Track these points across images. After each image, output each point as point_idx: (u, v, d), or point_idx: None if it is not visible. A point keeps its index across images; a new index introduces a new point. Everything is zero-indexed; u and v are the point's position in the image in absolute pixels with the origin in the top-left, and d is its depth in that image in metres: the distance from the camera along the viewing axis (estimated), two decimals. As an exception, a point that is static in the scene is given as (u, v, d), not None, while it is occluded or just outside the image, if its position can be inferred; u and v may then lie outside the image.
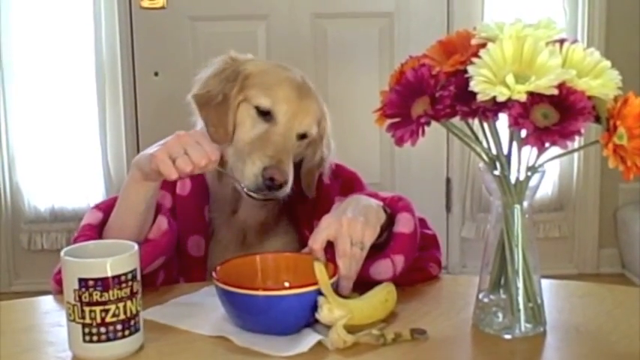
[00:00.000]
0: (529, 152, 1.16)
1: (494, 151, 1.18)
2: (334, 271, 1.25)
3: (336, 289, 1.24)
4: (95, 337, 1.13)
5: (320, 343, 1.18)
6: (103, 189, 3.41)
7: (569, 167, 3.57)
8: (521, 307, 1.21)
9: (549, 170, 1.33)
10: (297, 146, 1.50)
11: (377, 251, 1.33)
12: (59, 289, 1.25)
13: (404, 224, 1.37)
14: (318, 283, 1.21)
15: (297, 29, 3.46)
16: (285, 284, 1.29)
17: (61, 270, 1.17)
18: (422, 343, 1.20)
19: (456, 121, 1.15)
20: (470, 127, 1.19)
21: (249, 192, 1.44)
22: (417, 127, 1.13)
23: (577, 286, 1.50)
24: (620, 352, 1.19)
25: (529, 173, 1.18)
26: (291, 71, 1.55)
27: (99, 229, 1.43)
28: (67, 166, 3.44)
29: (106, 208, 1.45)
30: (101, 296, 1.12)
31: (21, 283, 3.50)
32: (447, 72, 1.15)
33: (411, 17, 3.47)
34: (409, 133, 1.13)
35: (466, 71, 1.11)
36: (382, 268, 1.33)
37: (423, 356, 1.18)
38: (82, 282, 1.12)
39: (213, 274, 1.25)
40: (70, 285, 1.13)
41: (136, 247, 1.17)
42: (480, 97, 1.09)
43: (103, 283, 1.12)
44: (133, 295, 1.15)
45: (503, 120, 1.11)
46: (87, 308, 1.12)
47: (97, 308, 1.12)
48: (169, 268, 1.47)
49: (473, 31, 1.17)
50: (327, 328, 1.19)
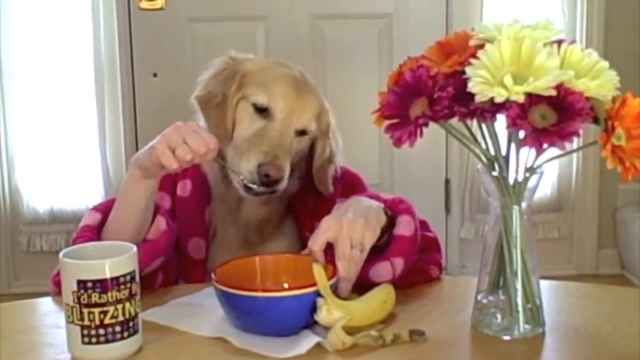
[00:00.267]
0: (527, 153, 1.16)
1: (492, 152, 1.18)
2: (333, 273, 1.25)
3: (335, 290, 1.24)
4: (94, 339, 1.13)
5: (319, 345, 1.18)
6: (102, 190, 3.41)
7: (568, 168, 3.57)
8: (520, 308, 1.21)
9: (548, 171, 1.33)
10: (297, 142, 1.50)
11: (377, 253, 1.33)
12: (58, 291, 1.25)
13: (404, 227, 1.37)
14: (317, 285, 1.21)
15: (296, 30, 3.46)
16: (284, 286, 1.29)
17: (59, 272, 1.17)
18: (421, 345, 1.20)
19: (454, 122, 1.15)
20: (468, 128, 1.18)
21: (248, 184, 1.44)
22: (415, 128, 1.13)
23: (576, 287, 1.50)
24: (619, 352, 1.19)
25: (527, 174, 1.18)
26: (289, 68, 1.55)
27: (98, 230, 1.43)
28: (66, 168, 3.44)
29: (105, 210, 1.45)
30: (100, 298, 1.12)
31: (20, 285, 3.49)
32: (445, 73, 1.15)
33: (409, 18, 3.47)
34: (407, 134, 1.13)
35: (464, 72, 1.11)
36: (381, 271, 1.33)
37: (421, 357, 1.18)
38: (81, 284, 1.12)
39: (213, 275, 1.25)
40: (68, 287, 1.13)
41: (134, 248, 1.17)
42: (478, 98, 1.09)
43: (102, 285, 1.12)
44: (131, 296, 1.15)
45: (501, 121, 1.12)
46: (86, 310, 1.12)
47: (96, 310, 1.12)
48: (168, 269, 1.47)
49: (471, 32, 1.17)
50: (325, 329, 1.19)
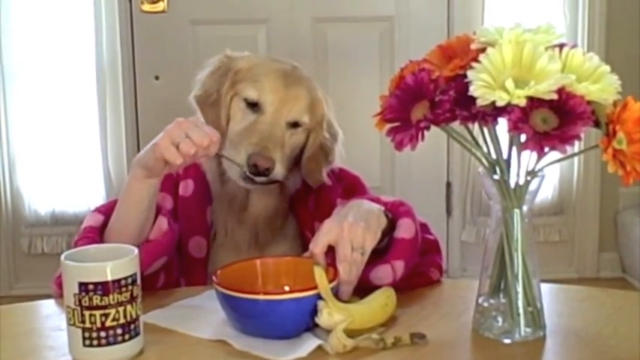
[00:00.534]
0: (528, 157, 1.16)
1: (493, 156, 1.18)
2: (334, 276, 1.25)
3: (336, 293, 1.24)
4: (95, 342, 1.13)
5: (320, 348, 1.18)
6: (104, 193, 3.41)
7: (570, 171, 3.57)
8: (520, 311, 1.21)
9: (549, 174, 1.33)
10: (290, 135, 1.52)
11: (377, 256, 1.33)
12: (60, 293, 1.25)
13: (405, 230, 1.37)
14: (318, 288, 1.21)
15: (298, 33, 3.46)
16: (286, 288, 1.29)
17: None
18: (421, 348, 1.20)
19: (455, 125, 1.15)
20: (470, 131, 1.19)
21: (240, 179, 1.46)
22: (417, 131, 1.13)
23: (576, 291, 1.50)
24: (619, 356, 1.19)
25: (528, 178, 1.18)
26: (281, 63, 1.57)
27: (100, 231, 1.43)
28: (68, 170, 3.44)
29: (107, 211, 1.46)
30: (101, 300, 1.12)
31: (21, 287, 3.50)
32: (447, 77, 1.15)
33: (411, 21, 3.47)
34: (409, 138, 1.13)
35: (466, 76, 1.11)
36: (382, 274, 1.33)
37: (422, 360, 1.18)
38: (82, 286, 1.12)
39: (214, 277, 1.25)
40: (70, 289, 1.13)
41: (136, 251, 1.18)
42: (480, 102, 1.09)
43: (103, 288, 1.12)
44: (133, 299, 1.15)
45: (502, 124, 1.12)
46: (87, 312, 1.12)
47: (97, 312, 1.12)
48: (170, 269, 1.47)
49: (472, 35, 1.17)
50: (327, 332, 1.19)
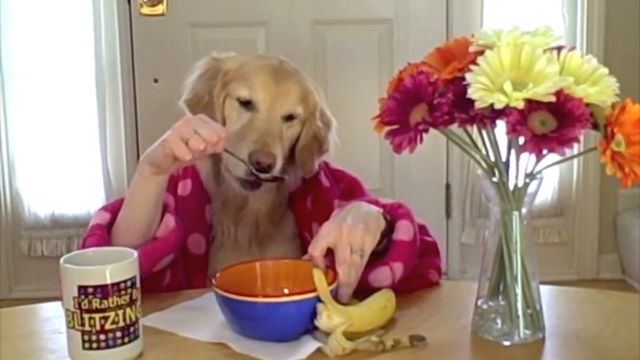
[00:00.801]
0: (527, 159, 1.16)
1: (492, 158, 1.18)
2: (334, 278, 1.25)
3: (335, 296, 1.24)
4: (95, 345, 1.13)
5: (319, 350, 1.18)
6: (104, 195, 3.40)
7: (569, 173, 3.57)
8: (520, 313, 1.21)
9: (549, 176, 1.33)
10: (286, 128, 1.53)
11: (376, 258, 1.33)
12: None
13: (403, 232, 1.37)
14: (318, 290, 1.21)
15: (297, 36, 3.46)
16: (285, 291, 1.29)
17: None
18: (421, 350, 1.20)
19: (454, 127, 1.15)
20: (468, 134, 1.19)
21: (247, 173, 1.46)
22: (415, 134, 1.13)
23: (576, 292, 1.50)
24: (619, 357, 1.19)
25: (527, 180, 1.18)
26: (268, 59, 1.60)
27: (108, 229, 1.44)
28: (67, 173, 3.43)
29: (113, 209, 1.47)
30: (100, 303, 1.12)
31: (21, 290, 3.49)
32: (445, 79, 1.15)
33: (410, 24, 3.47)
34: (407, 140, 1.13)
35: (464, 78, 1.11)
36: (381, 276, 1.33)
37: (422, 363, 1.18)
38: (82, 289, 1.12)
39: (213, 280, 1.25)
40: (69, 292, 1.13)
41: (135, 254, 1.18)
42: (478, 105, 1.09)
43: (103, 291, 1.12)
44: (132, 302, 1.15)
45: (501, 127, 1.12)
46: (86, 315, 1.12)
47: (97, 315, 1.12)
48: (176, 267, 1.48)
49: (471, 38, 1.17)
50: (326, 334, 1.19)
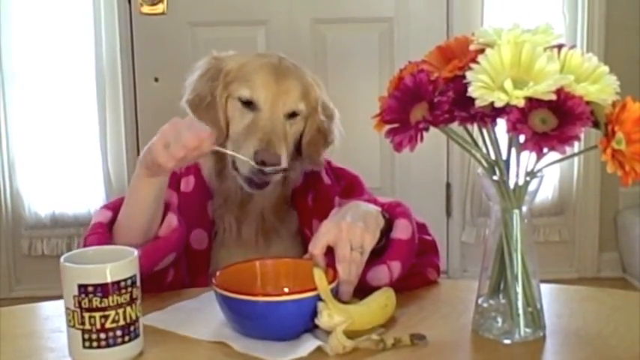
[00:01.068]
0: (528, 157, 1.16)
1: (493, 157, 1.18)
2: (334, 277, 1.25)
3: (336, 294, 1.24)
4: (95, 343, 1.13)
5: (319, 349, 1.18)
6: (104, 195, 3.40)
7: (570, 171, 3.57)
8: (520, 311, 1.21)
9: (550, 174, 1.33)
10: (290, 125, 1.53)
11: (374, 257, 1.33)
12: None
13: (401, 230, 1.37)
14: (318, 289, 1.21)
15: (297, 34, 3.46)
16: (285, 290, 1.29)
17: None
18: (421, 349, 1.20)
19: (454, 126, 1.15)
20: (469, 132, 1.19)
21: (253, 170, 1.46)
22: (416, 132, 1.13)
23: (576, 291, 1.50)
24: (619, 356, 1.19)
25: (528, 178, 1.18)
26: (267, 57, 1.59)
27: (109, 227, 1.44)
28: (68, 172, 3.44)
29: (115, 208, 1.47)
30: (101, 302, 1.12)
31: (21, 289, 3.49)
32: (446, 78, 1.15)
33: (410, 23, 3.47)
34: (408, 139, 1.13)
35: (464, 77, 1.11)
36: (379, 274, 1.33)
37: (422, 361, 1.18)
38: (82, 288, 1.12)
39: (213, 279, 1.25)
40: (69, 291, 1.13)
41: (135, 253, 1.18)
42: (479, 103, 1.09)
43: (103, 289, 1.12)
44: (132, 300, 1.15)
45: (501, 125, 1.12)
46: (87, 314, 1.12)
47: (97, 314, 1.12)
48: (179, 266, 1.48)
49: (471, 36, 1.17)
50: (326, 333, 1.19)
